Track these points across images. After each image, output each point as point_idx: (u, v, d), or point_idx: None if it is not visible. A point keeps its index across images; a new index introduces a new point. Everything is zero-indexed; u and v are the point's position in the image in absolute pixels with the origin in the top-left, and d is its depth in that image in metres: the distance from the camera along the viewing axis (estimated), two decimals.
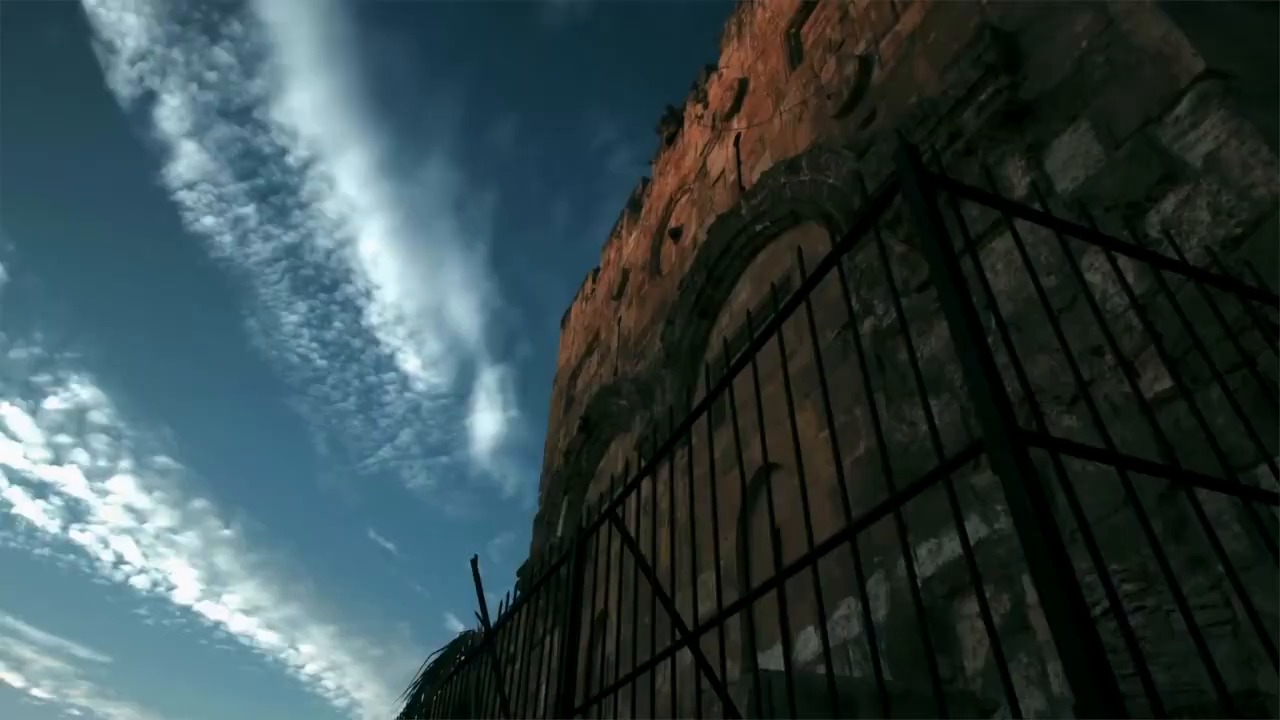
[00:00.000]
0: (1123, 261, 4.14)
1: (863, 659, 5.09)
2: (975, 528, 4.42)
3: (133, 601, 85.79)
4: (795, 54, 9.21)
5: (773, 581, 1.39)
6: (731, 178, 9.93)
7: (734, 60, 11.23)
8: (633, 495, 2.51)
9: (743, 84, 10.46)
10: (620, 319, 13.14)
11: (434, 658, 4.33)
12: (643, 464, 3.09)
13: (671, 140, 13.26)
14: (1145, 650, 3.41)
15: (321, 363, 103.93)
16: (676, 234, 11.43)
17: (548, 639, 3.31)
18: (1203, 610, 3.20)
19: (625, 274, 13.62)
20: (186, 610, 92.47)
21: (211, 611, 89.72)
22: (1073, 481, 4.20)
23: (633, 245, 13.81)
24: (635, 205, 14.54)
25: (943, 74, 5.66)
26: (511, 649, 3.46)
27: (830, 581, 5.67)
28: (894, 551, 5.10)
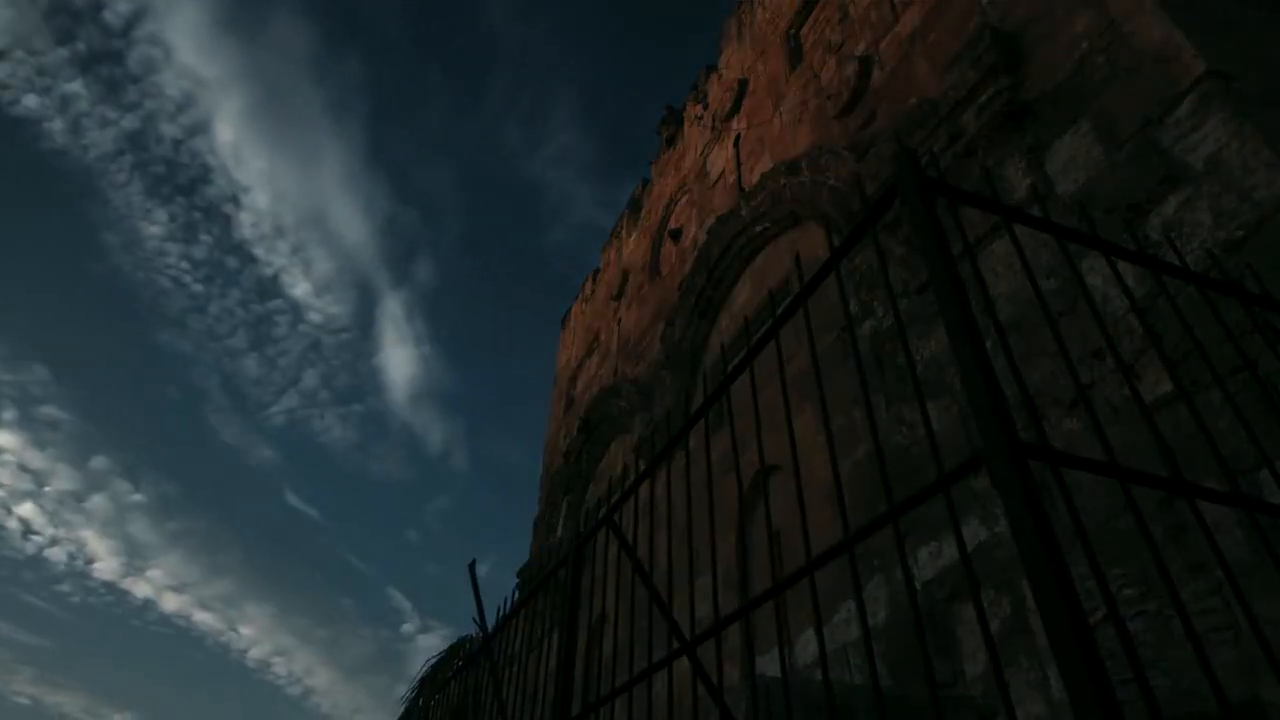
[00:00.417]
0: (1123, 265, 4.13)
1: (864, 663, 5.07)
2: (975, 531, 4.40)
3: (52, 577, 78.80)
4: (795, 55, 9.19)
5: (770, 593, 1.37)
6: (731, 178, 9.92)
7: (734, 61, 11.21)
8: (631, 498, 2.49)
9: (742, 85, 10.44)
10: (620, 320, 13.12)
11: (431, 663, 4.32)
12: (640, 468, 3.09)
13: (671, 141, 13.24)
14: (1146, 656, 3.39)
15: (197, 288, 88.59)
16: (676, 235, 11.41)
17: (545, 642, 3.30)
18: (1204, 615, 3.18)
19: (625, 275, 13.61)
20: (112, 587, 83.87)
21: (138, 589, 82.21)
22: (1073, 486, 4.20)
23: (632, 246, 13.80)
24: (635, 206, 14.52)
25: (943, 75, 5.65)
26: (510, 651, 3.45)
27: (830, 584, 5.66)
28: (894, 554, 5.08)
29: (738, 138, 10.14)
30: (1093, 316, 4.07)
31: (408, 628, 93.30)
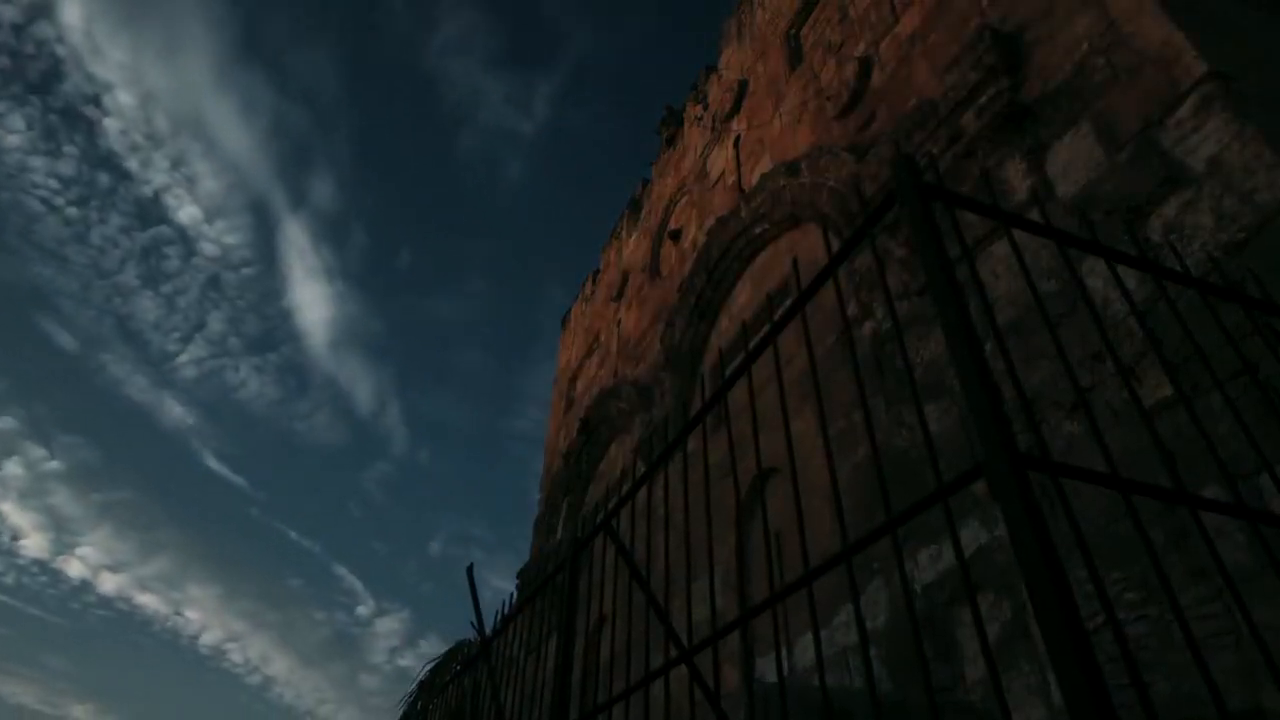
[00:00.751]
0: (1123, 268, 4.11)
1: (864, 666, 5.06)
2: (975, 534, 4.38)
3: None
4: (795, 55, 9.18)
5: (767, 603, 1.36)
6: (731, 179, 9.90)
7: (733, 61, 11.20)
8: (631, 499, 2.47)
9: (742, 85, 10.43)
10: (620, 321, 13.11)
11: (429, 667, 4.30)
12: (640, 471, 3.07)
13: (671, 141, 13.23)
14: (1147, 660, 3.37)
15: (72, 211, 76.59)
16: (676, 236, 11.40)
17: (542, 647, 3.28)
18: (1205, 621, 3.17)
19: (625, 275, 13.60)
20: (44, 566, 77.44)
21: (71, 568, 76.85)
22: (1074, 491, 4.17)
23: (632, 246, 13.79)
24: (635, 206, 14.52)
25: (943, 76, 5.63)
26: (509, 654, 3.44)
27: (831, 586, 5.64)
28: (894, 557, 5.06)
29: (737, 138, 10.12)
30: (1093, 320, 4.06)
31: (363, 611, 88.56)
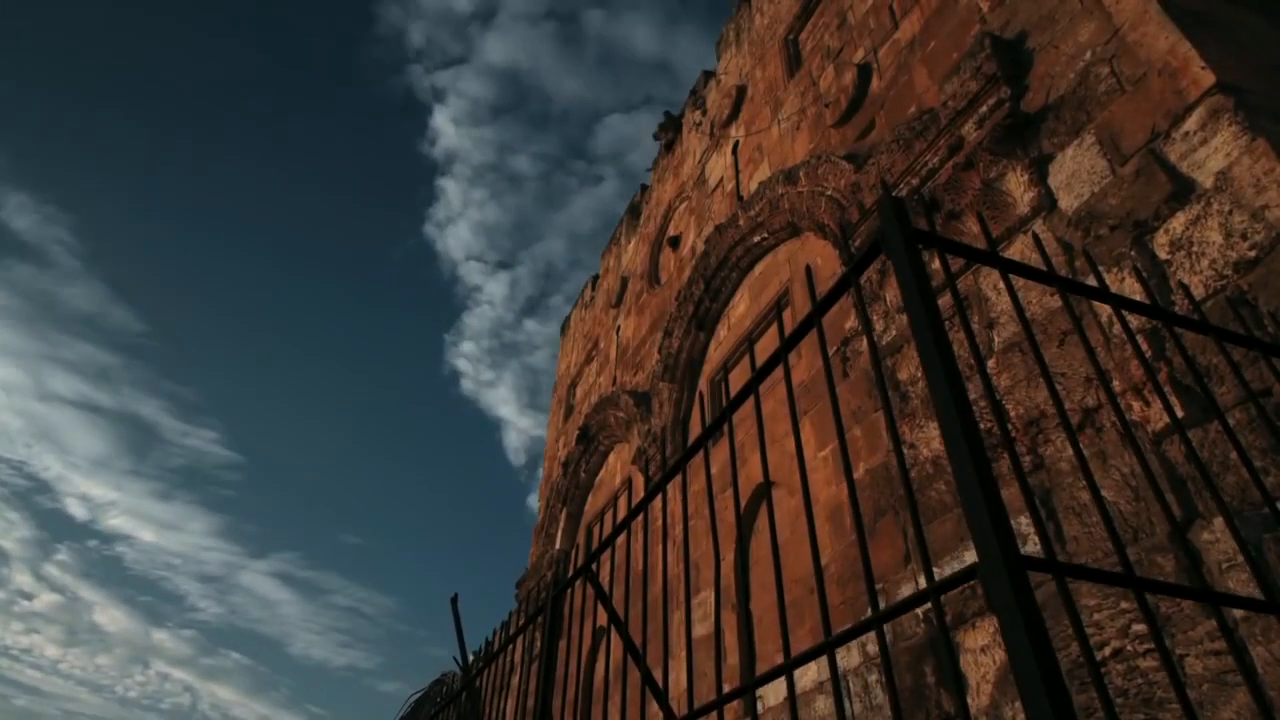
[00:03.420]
0: (1131, 283, 3.98)
1: (863, 691, 4.93)
2: (974, 558, 4.25)
3: None
4: (794, 61, 9.06)
5: (745, 689, 1.24)
6: (730, 186, 9.78)
7: (732, 66, 11.08)
8: (610, 545, 2.35)
9: (741, 91, 10.31)
10: (619, 328, 13.00)
11: (414, 699, 4.19)
12: (641, 475, 2.96)
13: (670, 147, 13.11)
14: (1157, 696, 3.24)
15: None
16: (675, 242, 11.28)
17: (516, 675, 3.16)
18: (1218, 656, 3.04)
19: (624, 282, 13.48)
20: None
21: None
22: (1079, 511, 3.99)
23: (631, 252, 13.67)
24: (634, 212, 14.40)
25: (942, 84, 5.51)
26: (495, 683, 3.33)
27: (831, 608, 5.52)
28: (895, 578, 4.94)
29: (736, 145, 10.00)
30: (1102, 335, 3.87)
31: None
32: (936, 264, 5.03)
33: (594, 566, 2.25)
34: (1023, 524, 4.01)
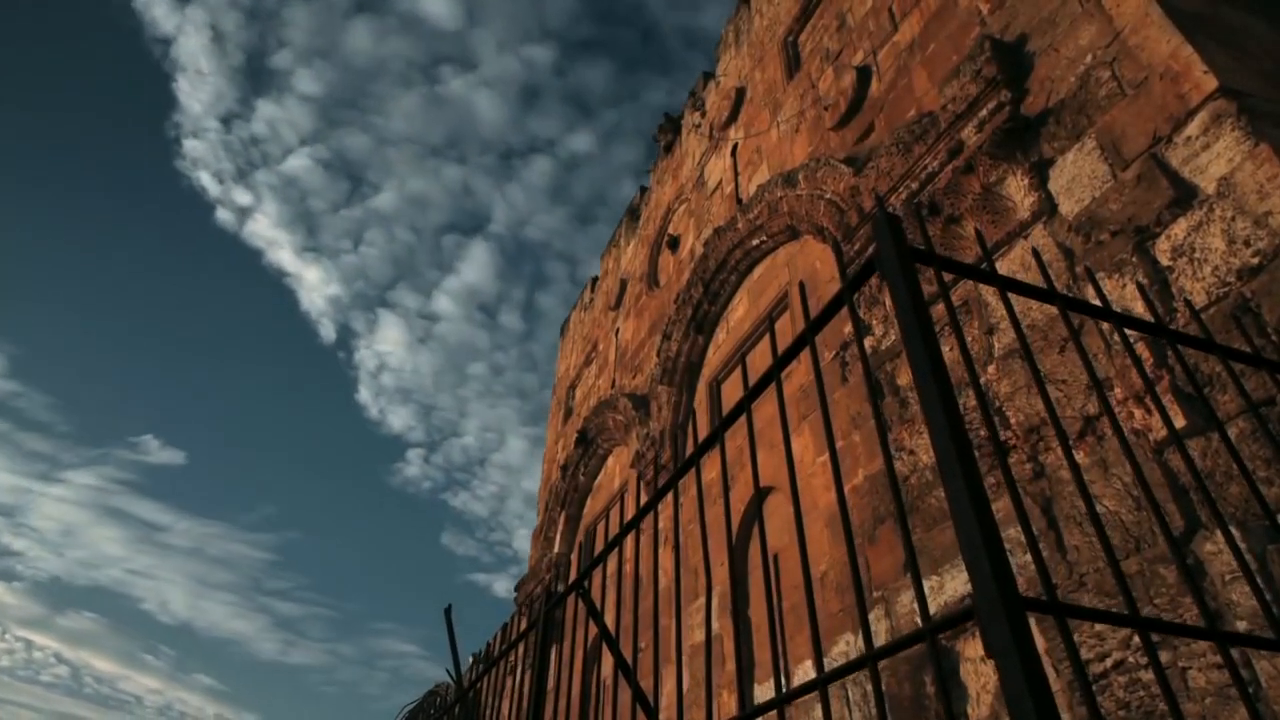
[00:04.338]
0: (1133, 289, 3.94)
1: (862, 699, 4.89)
2: None
3: None
4: (793, 63, 9.02)
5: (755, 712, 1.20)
6: (729, 189, 9.74)
7: (731, 68, 11.04)
8: (603, 562, 2.32)
9: (740, 93, 10.27)
10: (618, 330, 12.96)
11: (408, 709, 4.15)
12: (640, 477, 2.92)
13: (669, 149, 13.08)
14: (1159, 709, 3.20)
15: None
16: (674, 244, 11.24)
17: (509, 678, 3.12)
18: (1220, 670, 3.00)
19: (623, 284, 13.44)
20: None
21: None
22: (1080, 520, 3.95)
23: (630, 254, 13.63)
24: (634, 214, 14.37)
25: (942, 87, 5.47)
26: (490, 692, 3.30)
27: (828, 615, 5.48)
28: (895, 585, 4.90)
29: (735, 147, 9.96)
30: (1103, 342, 3.83)
31: None
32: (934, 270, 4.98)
33: (585, 583, 2.21)
34: (1017, 532, 3.97)
